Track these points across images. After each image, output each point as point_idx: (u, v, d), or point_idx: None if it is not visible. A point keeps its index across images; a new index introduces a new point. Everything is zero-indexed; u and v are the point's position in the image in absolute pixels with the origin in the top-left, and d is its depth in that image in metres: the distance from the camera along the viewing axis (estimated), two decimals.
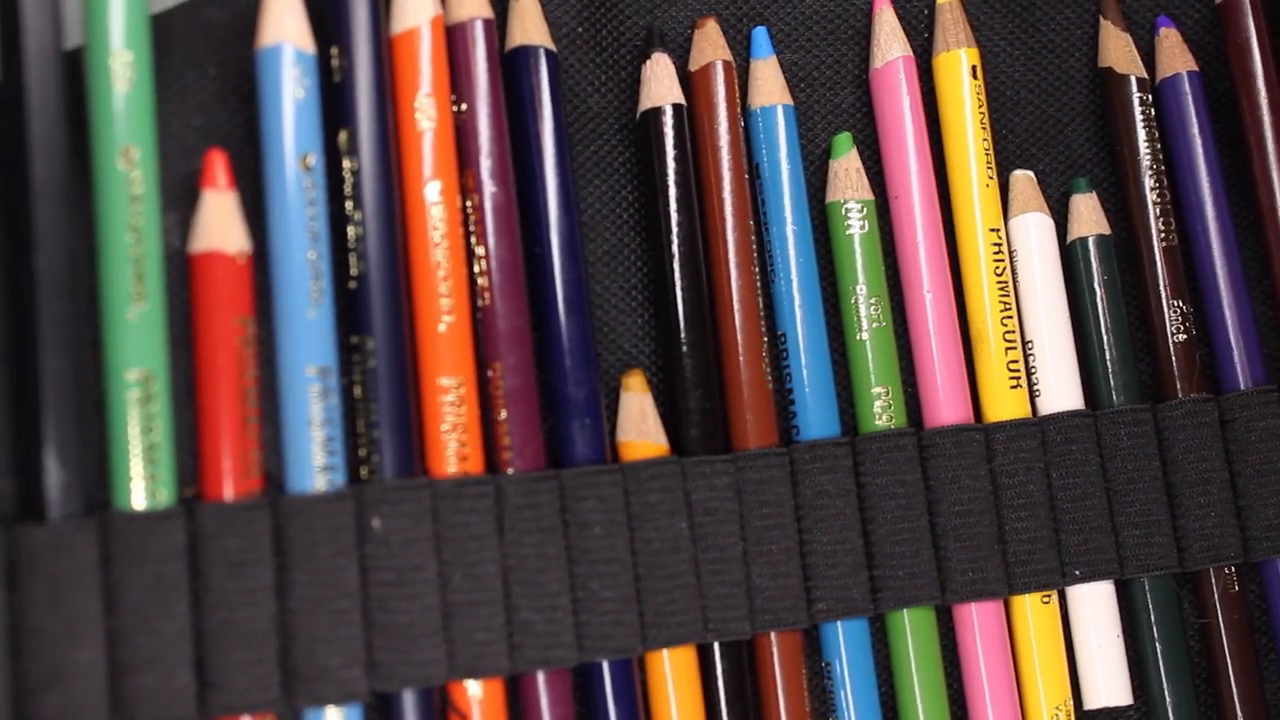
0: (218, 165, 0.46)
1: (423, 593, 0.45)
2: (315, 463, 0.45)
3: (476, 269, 0.49)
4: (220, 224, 0.45)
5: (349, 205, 0.47)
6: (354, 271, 0.47)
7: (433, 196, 0.48)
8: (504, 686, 0.47)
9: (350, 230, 0.47)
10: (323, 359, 0.45)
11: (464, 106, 0.49)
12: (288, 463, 0.45)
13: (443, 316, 0.47)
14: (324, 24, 0.48)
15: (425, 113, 0.48)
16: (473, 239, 0.49)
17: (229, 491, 0.44)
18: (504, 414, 0.48)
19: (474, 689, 0.46)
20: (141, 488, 0.43)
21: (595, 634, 0.48)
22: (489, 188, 0.49)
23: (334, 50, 0.47)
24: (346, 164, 0.47)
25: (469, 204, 0.49)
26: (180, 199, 0.47)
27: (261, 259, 0.46)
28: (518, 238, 0.49)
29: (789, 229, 0.53)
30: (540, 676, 0.47)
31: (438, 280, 0.47)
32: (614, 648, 0.48)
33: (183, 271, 0.46)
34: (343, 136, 0.47)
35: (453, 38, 0.50)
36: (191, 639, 0.43)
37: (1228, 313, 0.54)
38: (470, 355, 0.48)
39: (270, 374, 0.46)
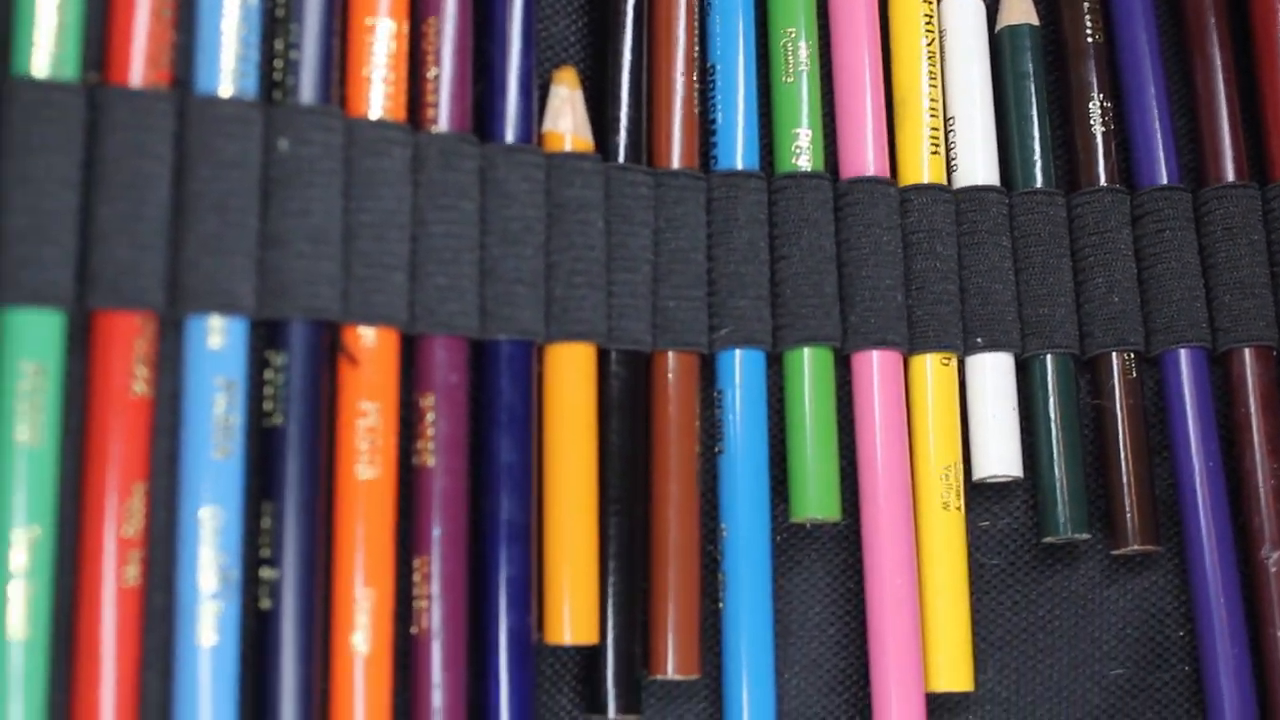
0: None
1: (322, 229, 0.43)
2: (224, 65, 0.43)
3: None
4: None
5: None
6: None
7: None
8: (399, 342, 0.45)
9: None
10: None
11: None
12: (197, 66, 0.43)
13: None
14: None
15: None
16: None
17: (136, 78, 0.42)
18: (434, 71, 0.46)
19: (368, 337, 0.44)
20: (46, 59, 0.41)
21: (499, 313, 0.46)
22: None
23: None
24: None
25: None
26: None
27: None
28: None
29: None
30: (438, 341, 0.46)
31: None
32: (517, 328, 0.46)
33: None
34: None
35: None
36: (77, 227, 0.41)
37: (1151, 110, 0.54)
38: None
39: None
